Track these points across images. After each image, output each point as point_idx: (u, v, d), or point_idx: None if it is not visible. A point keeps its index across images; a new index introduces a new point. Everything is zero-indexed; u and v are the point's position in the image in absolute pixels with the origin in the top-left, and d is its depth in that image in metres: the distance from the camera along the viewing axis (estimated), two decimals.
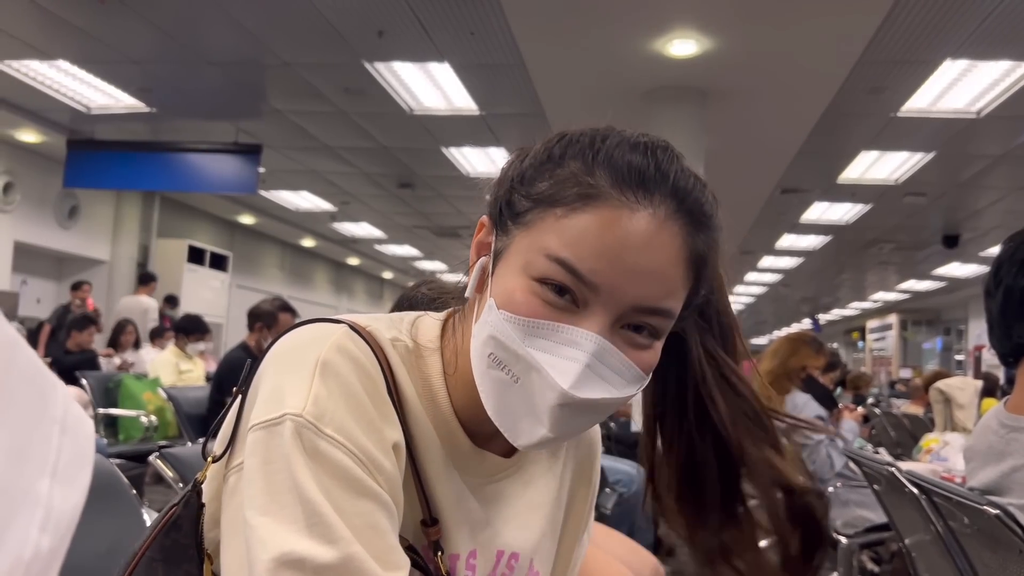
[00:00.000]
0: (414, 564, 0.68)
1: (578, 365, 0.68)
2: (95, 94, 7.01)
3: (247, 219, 13.08)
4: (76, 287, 8.07)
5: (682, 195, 0.72)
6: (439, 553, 0.75)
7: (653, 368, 0.75)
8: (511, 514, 0.84)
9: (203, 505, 0.75)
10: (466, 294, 0.79)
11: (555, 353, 0.69)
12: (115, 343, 7.13)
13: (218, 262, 12.19)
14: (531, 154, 0.77)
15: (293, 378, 0.68)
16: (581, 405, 0.69)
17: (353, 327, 0.74)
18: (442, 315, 0.84)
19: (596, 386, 0.69)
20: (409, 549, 0.71)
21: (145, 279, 9.39)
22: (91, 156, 8.05)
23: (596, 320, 0.70)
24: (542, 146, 0.77)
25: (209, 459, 0.75)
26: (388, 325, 0.79)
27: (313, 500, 0.63)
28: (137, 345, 7.30)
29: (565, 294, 0.70)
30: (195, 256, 11.52)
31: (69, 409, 0.40)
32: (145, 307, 8.92)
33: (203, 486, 0.75)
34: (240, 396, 0.73)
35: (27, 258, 9.61)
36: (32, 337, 7.21)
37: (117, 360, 6.82)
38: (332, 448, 0.65)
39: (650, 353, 0.73)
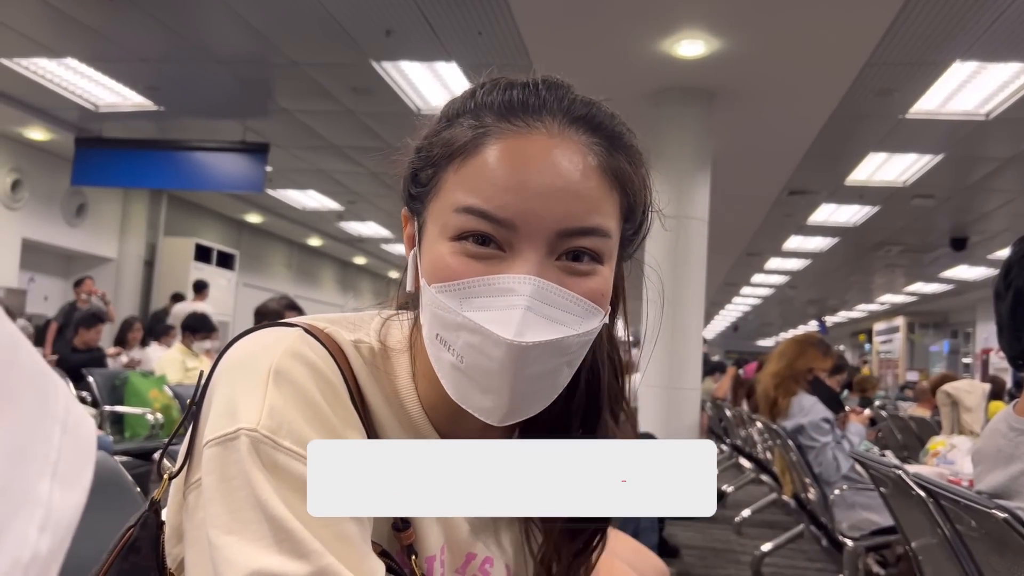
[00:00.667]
0: (389, 569, 0.66)
1: (518, 311, 0.65)
2: (103, 92, 7.04)
3: (254, 218, 13.11)
4: (78, 283, 8.08)
5: (570, 108, 0.71)
6: (413, 557, 0.73)
7: (607, 296, 0.72)
8: (487, 519, 0.82)
9: (162, 524, 0.72)
10: (408, 289, 0.77)
11: (493, 308, 0.66)
12: (122, 341, 7.15)
13: (225, 260, 12.22)
14: (426, 129, 0.77)
15: (246, 389, 0.65)
16: (535, 352, 0.65)
17: (309, 330, 0.71)
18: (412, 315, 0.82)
19: (544, 328, 0.66)
20: (383, 555, 0.68)
21: (198, 287, 9.41)
22: (99, 154, 8.08)
23: (525, 259, 0.67)
24: (435, 118, 0.77)
25: (165, 476, 0.72)
26: (351, 327, 0.76)
27: (278, 515, 0.60)
28: (144, 343, 7.32)
29: (488, 243, 0.68)
30: (202, 254, 11.56)
31: (70, 408, 0.39)
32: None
33: (162, 503, 0.73)
34: (195, 409, 0.70)
35: (35, 255, 9.65)
36: (39, 335, 7.24)
37: (124, 358, 6.84)
38: (291, 461, 0.62)
39: (596, 279, 0.70)
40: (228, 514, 0.61)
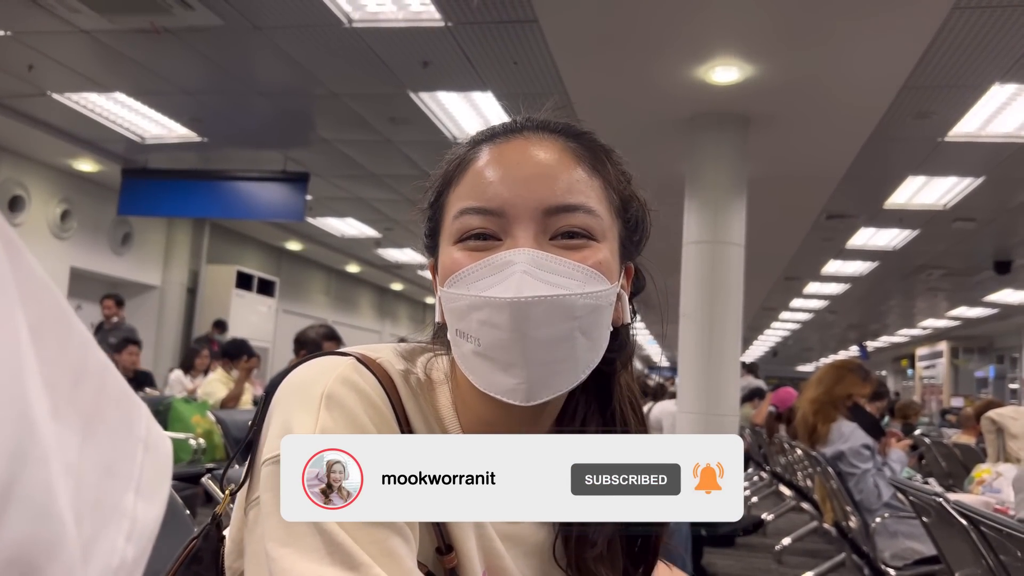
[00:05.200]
0: None
1: (516, 275, 0.71)
2: (149, 124, 7.23)
3: (294, 245, 13.29)
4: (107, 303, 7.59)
5: (544, 122, 0.82)
6: None
7: (609, 267, 0.77)
8: (527, 549, 0.83)
9: (223, 537, 0.78)
10: (436, 320, 0.82)
11: (496, 281, 0.72)
12: (189, 366, 7.21)
13: (265, 287, 12.38)
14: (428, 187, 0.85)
15: (300, 412, 0.70)
16: (538, 309, 0.70)
17: (361, 359, 0.76)
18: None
19: (544, 288, 0.71)
20: (428, 575, 0.72)
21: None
22: (144, 184, 8.27)
23: (520, 238, 0.74)
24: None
25: (227, 492, 0.78)
26: (402, 358, 0.81)
27: (329, 530, 0.64)
28: (206, 371, 7.34)
29: (487, 238, 0.75)
30: (243, 282, 11.72)
31: (151, 428, 0.44)
32: None
33: (225, 518, 0.78)
34: (255, 431, 0.76)
35: (82, 283, 9.87)
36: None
37: (189, 384, 6.92)
38: None
39: (592, 251, 0.75)
40: (283, 528, 0.65)
